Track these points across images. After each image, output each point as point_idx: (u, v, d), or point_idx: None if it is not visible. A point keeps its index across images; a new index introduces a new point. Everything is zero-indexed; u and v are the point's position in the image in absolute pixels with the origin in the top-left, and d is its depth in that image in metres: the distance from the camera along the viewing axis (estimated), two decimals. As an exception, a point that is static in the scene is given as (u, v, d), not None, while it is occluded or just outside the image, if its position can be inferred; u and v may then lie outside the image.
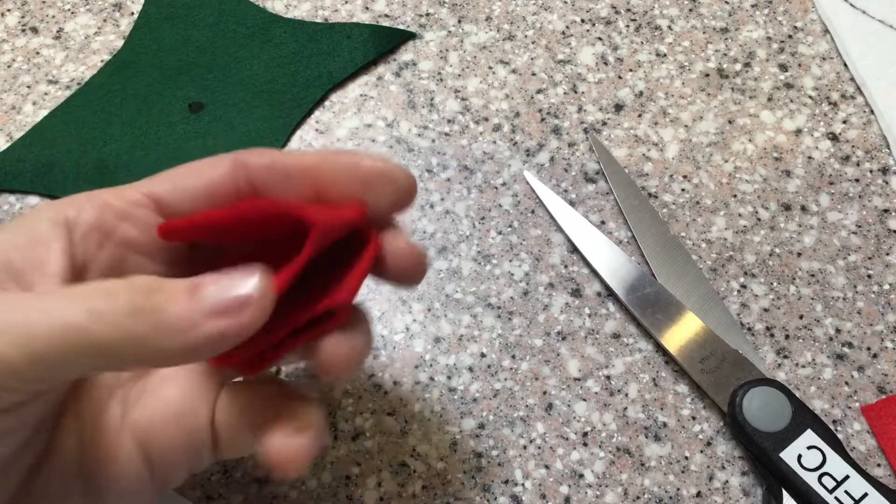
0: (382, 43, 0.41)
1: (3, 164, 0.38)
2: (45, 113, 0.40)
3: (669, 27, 0.43)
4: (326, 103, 0.40)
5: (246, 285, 0.21)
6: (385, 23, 0.43)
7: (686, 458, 0.33)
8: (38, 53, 0.42)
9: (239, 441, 0.25)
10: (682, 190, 0.38)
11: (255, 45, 0.41)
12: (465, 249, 0.37)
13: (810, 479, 0.30)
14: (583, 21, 0.43)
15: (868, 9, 0.43)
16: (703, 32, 0.43)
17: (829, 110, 0.41)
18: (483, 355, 0.35)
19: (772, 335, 0.35)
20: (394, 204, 0.26)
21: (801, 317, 0.35)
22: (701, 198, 0.38)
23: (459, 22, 0.43)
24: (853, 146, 0.40)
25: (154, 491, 0.25)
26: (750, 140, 0.40)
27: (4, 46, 0.42)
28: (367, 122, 0.40)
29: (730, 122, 0.40)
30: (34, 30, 0.43)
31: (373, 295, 0.36)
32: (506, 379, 0.34)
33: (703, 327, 0.34)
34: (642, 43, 0.42)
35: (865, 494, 0.30)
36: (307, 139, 0.39)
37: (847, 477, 0.30)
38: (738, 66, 0.42)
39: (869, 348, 0.35)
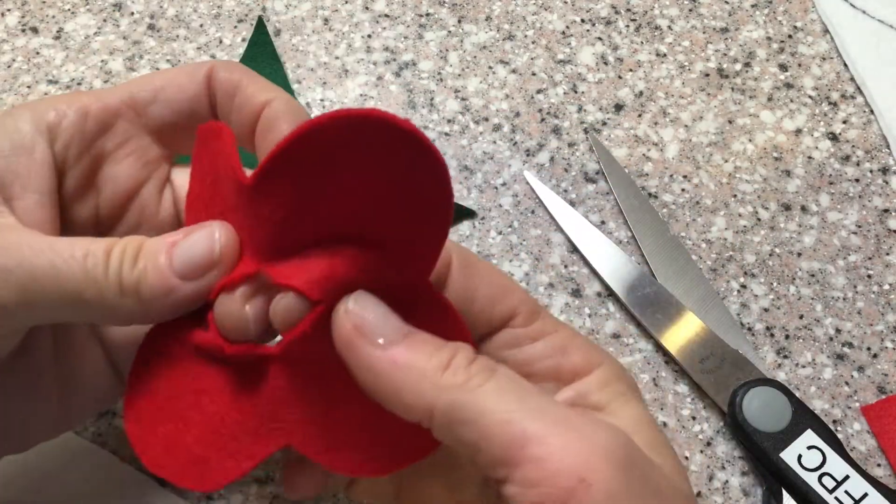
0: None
1: None
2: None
3: (669, 27, 0.43)
4: (326, 103, 0.40)
5: (213, 243, 0.23)
6: (385, 23, 0.43)
7: (686, 458, 0.33)
8: (38, 53, 0.42)
9: None
10: (682, 190, 0.38)
11: None
12: (465, 249, 0.37)
13: (810, 479, 0.30)
14: (583, 21, 0.43)
15: (868, 9, 0.43)
16: (703, 32, 0.43)
17: (829, 110, 0.41)
18: (483, 355, 0.35)
19: (772, 335, 0.35)
20: None
21: (801, 317, 0.35)
22: (701, 198, 0.38)
23: (459, 22, 0.43)
24: (853, 146, 0.40)
25: (120, 388, 0.27)
26: (750, 140, 0.40)
27: (4, 46, 0.42)
28: (367, 122, 0.40)
29: (730, 122, 0.40)
30: (34, 30, 0.43)
31: (373, 295, 0.36)
32: (506, 379, 0.34)
33: (703, 327, 0.34)
34: (642, 43, 0.42)
35: (865, 494, 0.30)
36: (307, 139, 0.39)
37: (847, 477, 0.30)
38: (738, 66, 0.42)
39: (869, 348, 0.35)
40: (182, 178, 0.27)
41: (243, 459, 0.24)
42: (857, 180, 0.39)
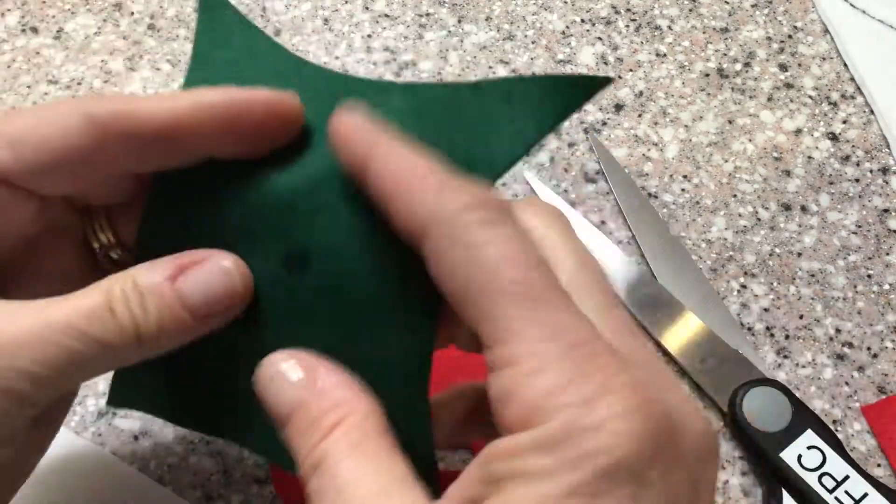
0: (563, 100, 0.22)
1: None
2: (45, 113, 0.40)
3: (669, 27, 0.43)
4: (326, 103, 0.40)
5: (225, 276, 0.21)
6: (385, 23, 0.43)
7: (686, 458, 0.33)
8: (38, 53, 0.42)
9: None
10: (682, 190, 0.38)
11: None
12: (465, 249, 0.37)
13: (810, 479, 0.30)
14: (583, 21, 0.43)
15: (868, 9, 0.43)
16: (703, 32, 0.43)
17: (829, 110, 0.41)
18: (483, 355, 0.35)
19: (772, 335, 0.35)
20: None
21: (801, 317, 0.35)
22: (701, 198, 0.38)
23: (459, 22, 0.43)
24: (853, 146, 0.40)
25: None
26: (750, 140, 0.40)
27: (4, 46, 0.42)
28: (367, 122, 0.40)
29: (730, 122, 0.40)
30: (34, 30, 0.43)
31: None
32: (506, 379, 0.34)
33: (703, 327, 0.34)
34: (642, 43, 0.42)
35: (865, 494, 0.30)
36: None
37: (847, 477, 0.30)
38: (738, 66, 0.42)
39: (869, 348, 0.35)
40: None
41: None
42: (857, 180, 0.39)
